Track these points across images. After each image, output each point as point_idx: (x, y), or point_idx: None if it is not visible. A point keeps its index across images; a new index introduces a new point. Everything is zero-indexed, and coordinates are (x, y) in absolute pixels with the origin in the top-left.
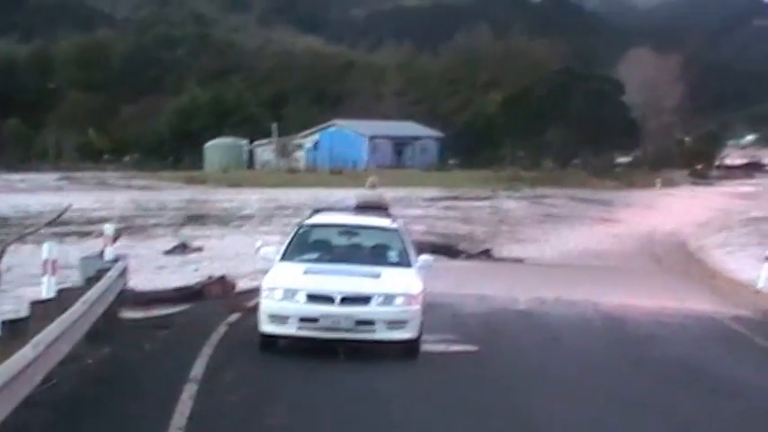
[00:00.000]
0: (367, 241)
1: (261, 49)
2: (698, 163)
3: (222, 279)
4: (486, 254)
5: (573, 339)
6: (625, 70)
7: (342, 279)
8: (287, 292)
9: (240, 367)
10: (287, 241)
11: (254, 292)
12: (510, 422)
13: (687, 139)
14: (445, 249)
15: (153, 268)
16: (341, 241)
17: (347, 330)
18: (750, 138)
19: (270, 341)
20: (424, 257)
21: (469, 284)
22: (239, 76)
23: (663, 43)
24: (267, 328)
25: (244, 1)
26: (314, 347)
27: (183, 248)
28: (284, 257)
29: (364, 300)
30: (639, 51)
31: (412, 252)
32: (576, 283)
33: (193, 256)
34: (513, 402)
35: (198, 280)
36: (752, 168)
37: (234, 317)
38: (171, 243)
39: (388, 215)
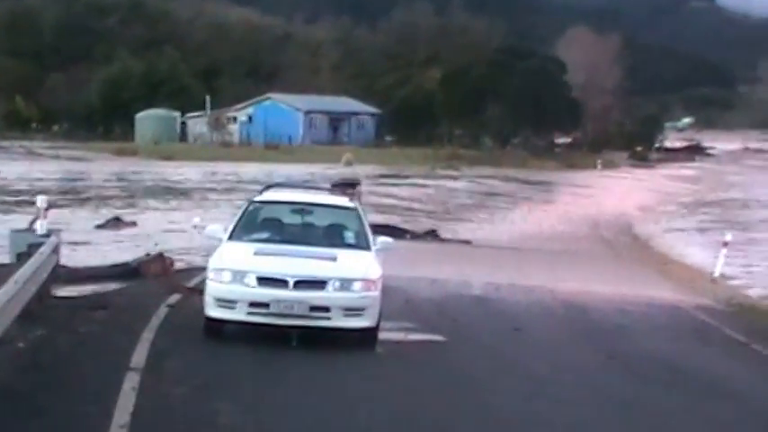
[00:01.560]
0: (322, 220)
1: (195, 20)
2: (637, 145)
3: (161, 256)
4: (432, 234)
5: (536, 330)
6: (564, 50)
7: (296, 261)
8: (236, 275)
9: (185, 355)
10: (235, 219)
11: (194, 271)
12: (483, 425)
13: (626, 121)
14: (389, 230)
15: (85, 243)
16: (294, 220)
17: (301, 317)
18: (687, 120)
19: (216, 326)
20: (384, 239)
21: (419, 267)
22: (172, 47)
23: (602, 23)
24: (214, 312)
25: None
26: (264, 334)
27: (115, 223)
28: (232, 237)
29: (320, 284)
30: (578, 31)
31: (370, 233)
32: (527, 266)
33: (127, 231)
34: (484, 402)
35: (135, 257)
36: (692, 151)
37: (174, 297)
38: (103, 217)
39: (352, 193)
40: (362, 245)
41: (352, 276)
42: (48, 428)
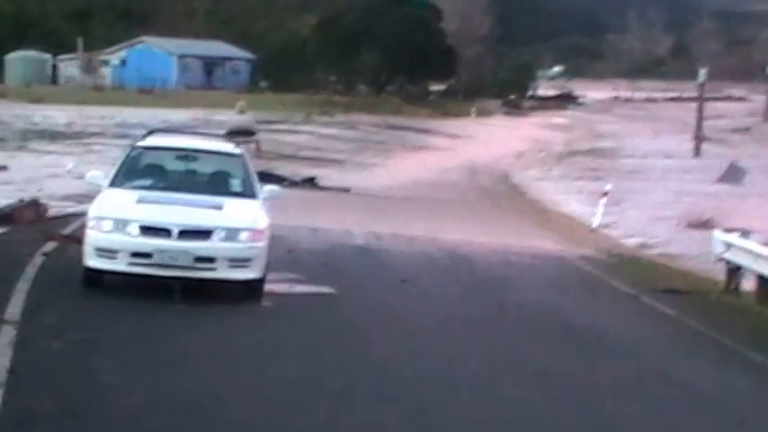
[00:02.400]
0: (207, 167)
1: None
2: (511, 93)
3: (35, 203)
4: (310, 182)
5: (423, 281)
6: None
7: (180, 210)
8: (117, 223)
9: (63, 307)
10: (117, 165)
11: (70, 218)
12: (375, 384)
13: (500, 69)
14: (266, 176)
15: None
16: (178, 167)
17: (185, 268)
18: (557, 69)
19: (96, 277)
20: (271, 188)
21: (298, 215)
22: None
23: None
24: (93, 262)
25: None
26: (146, 285)
27: None
28: (114, 183)
29: (205, 234)
30: None
31: (256, 181)
32: (408, 215)
33: None
34: (375, 359)
35: (6, 202)
36: (564, 100)
37: (50, 246)
38: None
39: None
40: (249, 193)
41: (239, 226)
42: None
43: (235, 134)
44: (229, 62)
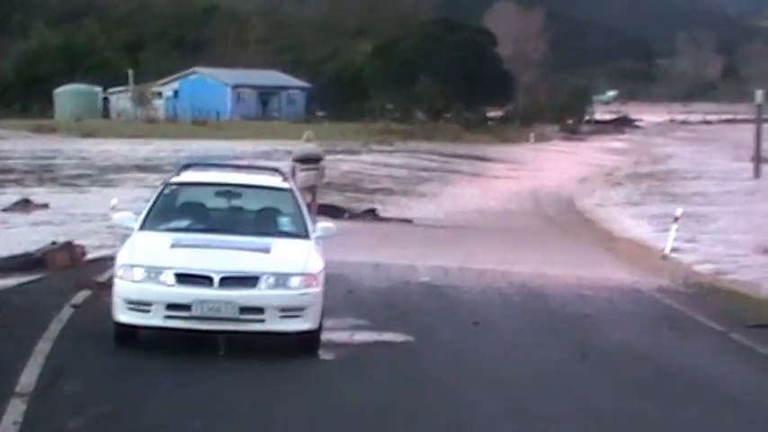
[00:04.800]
0: (252, 205)
1: None
2: (568, 118)
3: (69, 245)
4: (371, 213)
5: (497, 322)
6: (491, 23)
7: (221, 254)
8: (149, 271)
9: (88, 373)
10: (148, 205)
11: (110, 261)
12: None
13: (556, 94)
14: (325, 208)
15: None
16: (219, 204)
17: (229, 320)
18: (612, 93)
19: (128, 333)
20: (325, 225)
21: (359, 249)
22: (92, 19)
23: None
24: (124, 317)
25: None
26: (186, 341)
27: (24, 205)
28: (145, 225)
29: (251, 281)
30: (503, 4)
31: (308, 218)
32: (474, 247)
33: (36, 214)
34: (455, 421)
35: (40, 246)
36: (621, 123)
37: (82, 295)
38: (12, 198)
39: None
40: (300, 232)
41: (290, 270)
42: None
43: (303, 161)
44: (285, 92)
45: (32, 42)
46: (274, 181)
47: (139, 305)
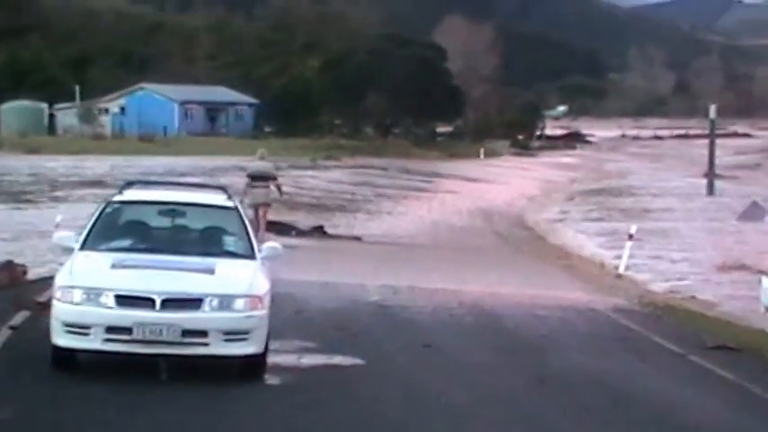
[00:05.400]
0: (196, 223)
1: (61, 7)
2: (518, 133)
3: (9, 264)
4: (319, 230)
5: (449, 346)
6: (441, 39)
7: (163, 275)
8: (89, 293)
9: (22, 399)
10: (88, 224)
11: (52, 280)
12: None
13: (506, 109)
14: (273, 225)
15: None
16: (162, 224)
17: (171, 344)
18: (562, 109)
19: (66, 357)
20: (270, 245)
21: (308, 267)
22: (38, 35)
23: (477, 12)
24: (62, 340)
25: None
26: (126, 366)
27: None
28: (85, 245)
29: (194, 303)
30: (453, 19)
31: (253, 238)
32: (424, 265)
33: None
34: None
35: None
36: (573, 139)
37: (21, 316)
38: None
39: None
40: (245, 252)
41: (234, 292)
42: None
43: (254, 178)
44: (233, 107)
45: None
46: (219, 199)
47: (78, 328)
